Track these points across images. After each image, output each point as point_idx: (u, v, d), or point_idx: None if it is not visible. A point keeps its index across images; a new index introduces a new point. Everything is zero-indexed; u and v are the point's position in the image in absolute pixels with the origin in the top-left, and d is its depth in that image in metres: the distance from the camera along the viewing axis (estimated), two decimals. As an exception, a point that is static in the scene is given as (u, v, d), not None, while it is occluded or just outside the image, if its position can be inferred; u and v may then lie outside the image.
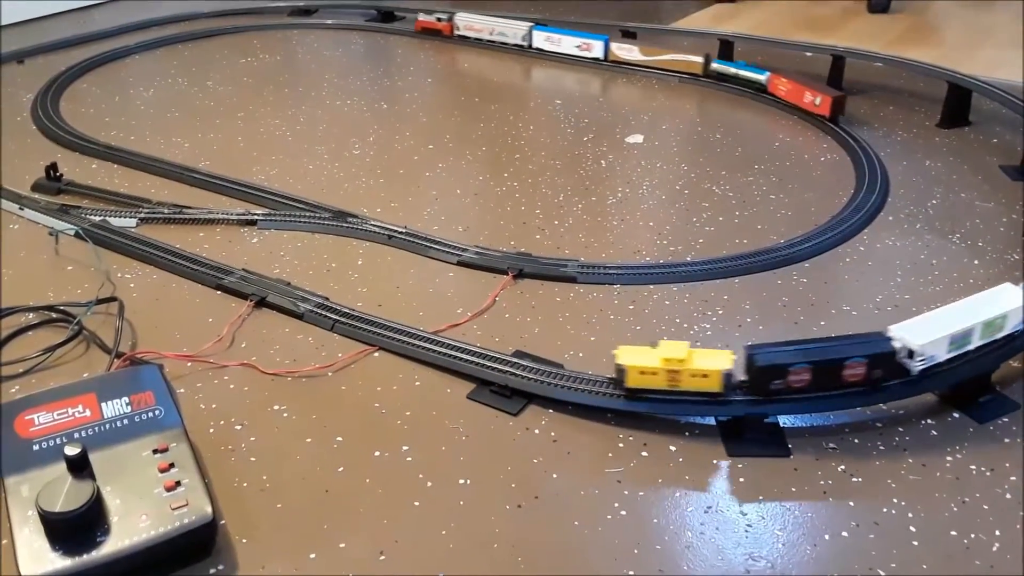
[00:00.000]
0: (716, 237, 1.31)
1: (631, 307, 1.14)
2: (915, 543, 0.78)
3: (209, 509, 0.76)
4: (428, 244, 1.29)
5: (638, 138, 1.67)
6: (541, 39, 2.18)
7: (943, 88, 1.69)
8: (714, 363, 0.89)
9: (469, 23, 2.29)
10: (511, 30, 2.21)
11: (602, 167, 1.56)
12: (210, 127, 1.79)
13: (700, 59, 1.96)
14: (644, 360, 0.90)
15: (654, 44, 2.04)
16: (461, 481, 0.87)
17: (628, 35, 2.12)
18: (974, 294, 0.97)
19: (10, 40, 2.41)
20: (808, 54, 2.01)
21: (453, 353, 1.03)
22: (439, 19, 2.32)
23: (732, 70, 1.93)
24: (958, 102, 1.67)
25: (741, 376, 0.91)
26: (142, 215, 1.39)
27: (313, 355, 1.06)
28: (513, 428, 0.94)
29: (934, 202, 1.39)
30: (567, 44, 2.14)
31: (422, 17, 2.35)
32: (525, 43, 2.20)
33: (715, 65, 1.95)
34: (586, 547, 0.79)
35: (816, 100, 1.72)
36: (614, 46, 2.08)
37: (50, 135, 1.75)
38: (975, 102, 1.68)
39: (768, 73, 1.85)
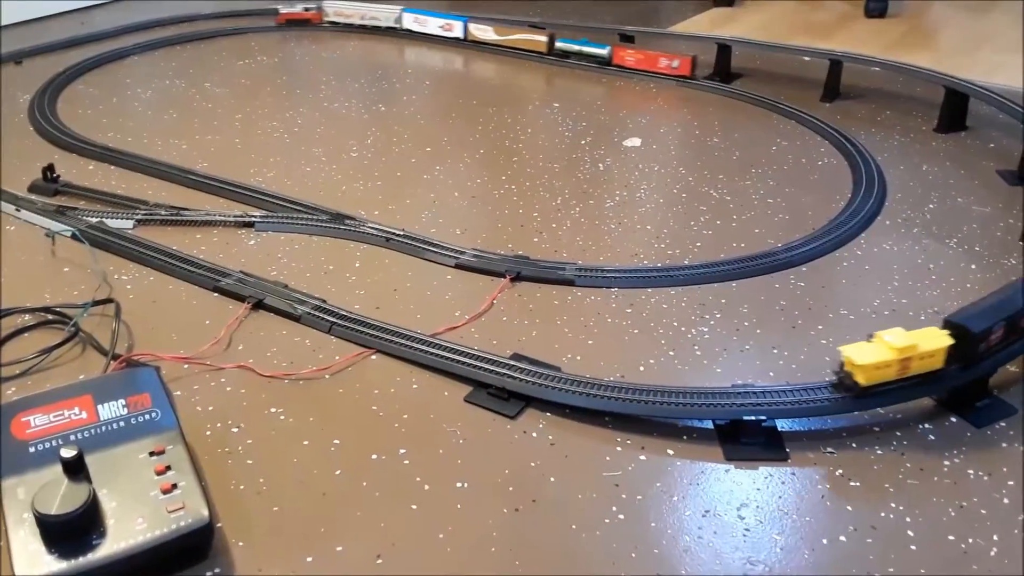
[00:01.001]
0: (713, 241, 1.31)
1: (629, 310, 1.14)
2: (913, 547, 0.78)
3: (206, 512, 0.76)
4: (426, 247, 1.29)
5: (636, 142, 1.68)
6: (410, 20, 2.33)
7: (940, 93, 1.69)
8: (935, 342, 0.90)
9: (339, 9, 2.42)
10: (383, 14, 2.35)
11: (600, 170, 1.56)
12: (208, 129, 1.78)
13: (544, 38, 2.14)
14: (876, 356, 0.89)
15: (657, 48, 2.05)
16: (458, 484, 0.87)
17: (626, 39, 2.12)
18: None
19: (8, 41, 2.41)
20: (806, 58, 2.01)
21: (451, 356, 1.03)
22: (307, 8, 2.40)
23: (575, 47, 2.10)
24: (955, 107, 1.68)
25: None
26: (139, 217, 1.39)
27: (310, 358, 1.06)
28: (511, 431, 0.94)
29: (931, 206, 1.39)
30: (432, 25, 2.32)
31: (284, 9, 2.42)
32: (397, 25, 2.36)
33: (559, 44, 2.12)
34: (584, 551, 0.79)
35: (674, 63, 1.90)
36: (472, 27, 2.26)
37: (47, 136, 1.74)
38: (972, 107, 1.68)
39: (609, 47, 2.03)
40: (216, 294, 1.20)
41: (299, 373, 1.03)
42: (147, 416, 0.84)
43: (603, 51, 2.04)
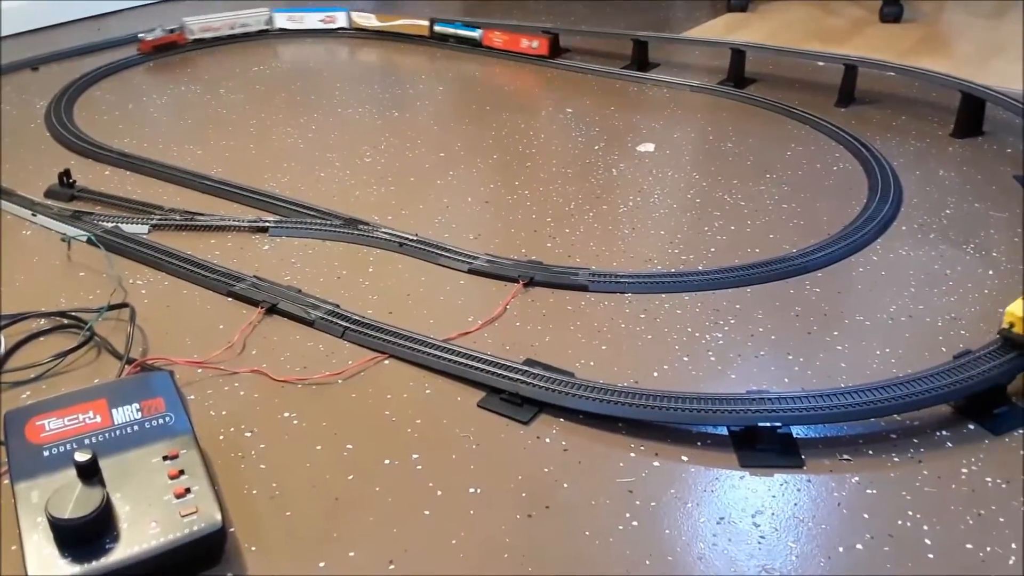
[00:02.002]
0: (728, 246, 1.30)
1: (642, 316, 1.14)
2: (930, 556, 0.77)
3: (219, 516, 0.76)
4: (439, 252, 1.29)
5: (649, 147, 1.67)
6: (283, 20, 2.30)
7: (956, 98, 1.68)
8: None
9: (204, 24, 2.32)
10: (252, 19, 2.31)
11: (613, 175, 1.56)
12: (222, 135, 1.79)
13: (426, 22, 2.24)
14: None
15: (670, 54, 2.04)
16: (471, 490, 0.86)
17: (640, 44, 2.11)
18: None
19: (25, 47, 2.43)
20: (820, 63, 2.00)
21: (464, 361, 1.03)
22: (171, 31, 2.26)
23: (451, 30, 2.25)
24: (972, 112, 1.66)
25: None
26: (154, 222, 1.40)
27: (323, 362, 1.06)
28: (524, 437, 0.93)
29: (948, 212, 1.38)
30: (311, 20, 2.33)
31: (146, 37, 2.24)
32: (268, 27, 2.33)
33: (437, 28, 2.25)
34: (597, 557, 0.79)
35: (533, 44, 2.04)
36: (354, 15, 2.30)
37: (63, 142, 1.76)
38: (989, 112, 1.67)
39: (480, 30, 2.12)
40: (230, 299, 1.20)
41: (312, 378, 1.03)
42: (161, 420, 0.84)
43: (475, 34, 2.23)
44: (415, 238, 1.33)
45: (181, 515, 0.75)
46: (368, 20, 2.30)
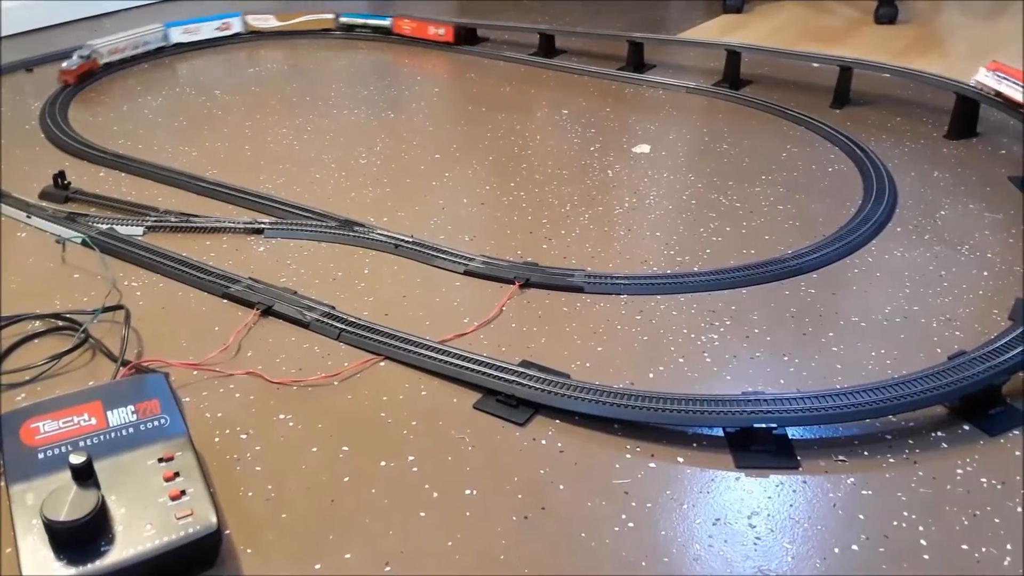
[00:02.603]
0: (723, 247, 1.31)
1: (638, 317, 1.14)
2: (926, 557, 0.78)
3: (214, 518, 0.76)
4: (435, 253, 1.29)
5: (645, 148, 1.67)
6: (179, 33, 2.23)
7: (951, 99, 1.69)
8: None
9: (112, 47, 2.14)
10: (151, 36, 2.22)
11: (609, 177, 1.56)
12: (218, 136, 1.79)
13: (330, 16, 2.26)
14: None
15: (666, 55, 2.04)
16: (467, 491, 0.86)
17: (635, 45, 2.12)
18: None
19: (19, 48, 2.43)
20: (815, 65, 2.01)
21: (459, 362, 1.03)
22: (87, 57, 2.08)
23: (359, 20, 2.28)
24: (966, 113, 1.67)
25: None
26: (149, 223, 1.40)
27: (319, 364, 1.06)
28: (520, 438, 0.93)
29: (942, 213, 1.38)
30: (207, 30, 2.27)
31: (64, 65, 2.05)
32: (165, 43, 2.24)
33: (343, 19, 2.27)
34: (593, 559, 0.79)
35: (440, 31, 2.11)
36: (250, 18, 2.27)
37: (58, 143, 1.75)
38: (983, 113, 1.67)
39: (391, 17, 2.21)
40: (225, 300, 1.20)
41: (308, 380, 1.03)
42: (156, 422, 0.84)
43: (385, 22, 2.31)
44: (411, 240, 1.33)
45: (176, 517, 0.75)
46: (266, 22, 2.27)
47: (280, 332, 1.13)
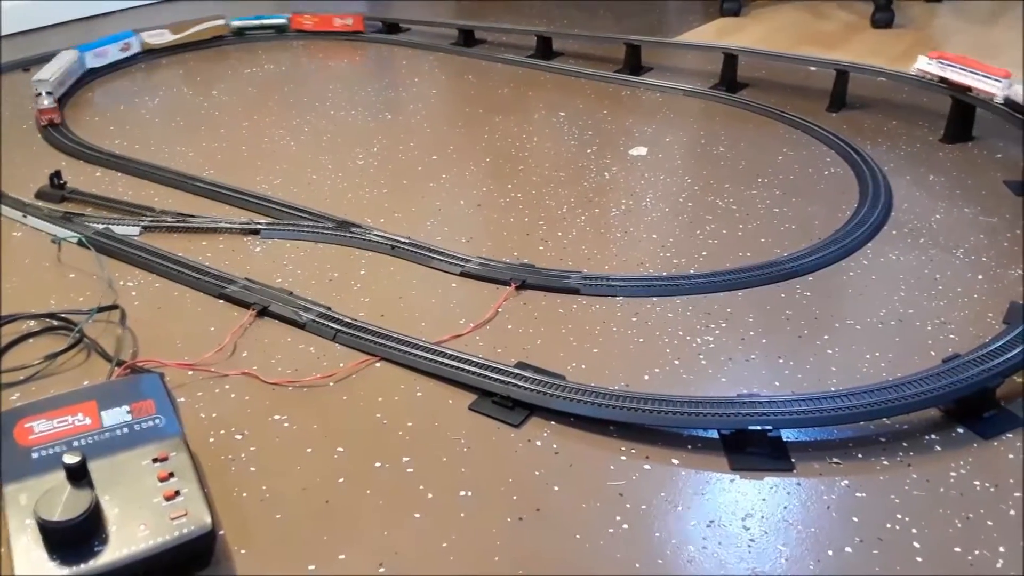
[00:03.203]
0: (719, 250, 1.31)
1: (634, 319, 1.14)
2: (919, 559, 0.78)
3: (208, 519, 0.76)
4: (431, 255, 1.29)
5: (642, 151, 1.68)
6: (91, 58, 2.12)
7: (947, 103, 1.69)
8: None
9: (57, 79, 1.92)
10: (72, 63, 2.05)
11: (606, 179, 1.56)
12: (214, 136, 1.79)
13: (222, 21, 2.23)
14: None
15: (663, 58, 2.04)
16: (462, 493, 0.86)
17: (633, 48, 2.12)
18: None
19: (16, 48, 2.42)
20: (812, 68, 2.01)
21: (455, 364, 1.03)
22: (51, 93, 1.86)
23: (253, 22, 2.26)
24: (962, 117, 1.67)
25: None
26: (145, 223, 1.39)
27: (315, 365, 1.06)
28: (515, 440, 0.93)
29: (937, 217, 1.39)
30: (113, 53, 2.18)
31: (46, 104, 1.82)
32: (82, 68, 2.10)
33: (235, 23, 2.24)
34: (588, 561, 0.79)
35: (347, 21, 2.18)
36: (145, 35, 2.22)
37: (54, 143, 1.75)
38: (978, 117, 1.67)
39: (287, 16, 2.22)
40: (221, 301, 1.20)
41: (303, 380, 1.03)
42: (151, 423, 0.84)
43: (283, 20, 2.32)
44: (407, 241, 1.33)
45: (171, 518, 0.75)
46: (161, 37, 2.21)
47: (276, 333, 1.13)
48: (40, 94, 1.83)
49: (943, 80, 1.70)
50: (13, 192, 1.51)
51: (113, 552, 0.72)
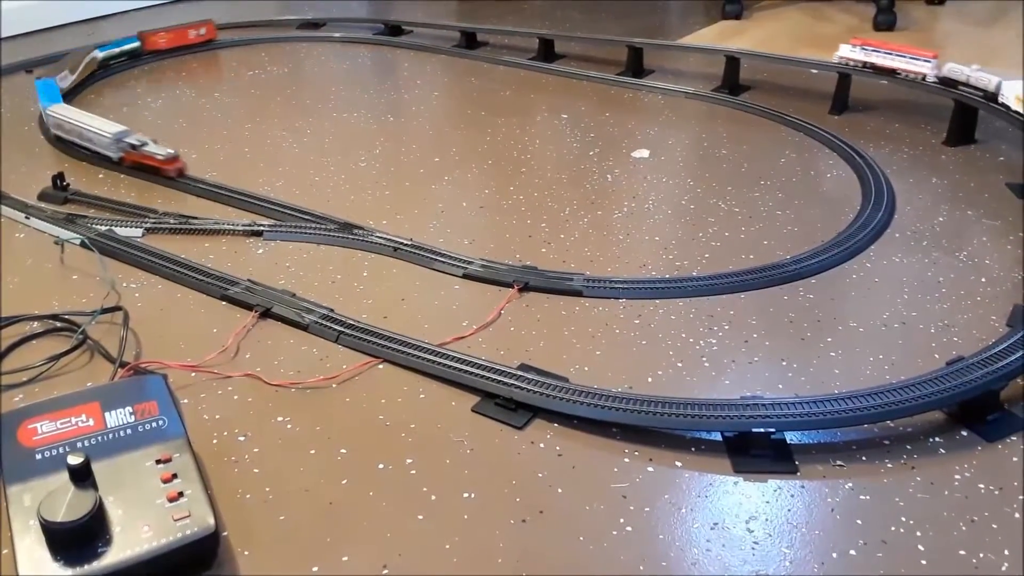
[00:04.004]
0: (722, 252, 1.31)
1: (637, 321, 1.14)
2: (923, 562, 0.78)
3: (212, 520, 0.76)
4: (434, 256, 1.29)
5: (644, 153, 1.68)
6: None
7: (949, 106, 1.69)
8: None
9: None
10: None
11: (608, 181, 1.56)
12: (217, 138, 1.79)
13: (95, 54, 2.12)
14: None
15: (665, 61, 2.04)
16: (465, 495, 0.86)
17: (635, 50, 2.12)
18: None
19: (19, 50, 2.43)
20: (814, 71, 2.01)
21: (458, 366, 1.03)
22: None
23: (113, 51, 2.16)
24: (964, 120, 1.67)
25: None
26: (148, 225, 1.40)
27: (317, 366, 1.06)
28: (518, 442, 0.93)
29: (941, 219, 1.39)
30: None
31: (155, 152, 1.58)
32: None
33: (99, 54, 2.14)
34: (591, 563, 0.78)
35: (201, 31, 2.14)
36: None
37: (57, 145, 1.75)
38: (981, 120, 1.67)
39: (137, 37, 2.15)
40: (224, 303, 1.20)
41: (306, 382, 1.03)
42: (154, 424, 0.84)
43: (134, 44, 2.18)
44: (410, 243, 1.33)
45: (174, 519, 0.75)
46: (66, 81, 1.99)
47: (279, 334, 1.13)
48: (146, 143, 1.61)
49: (868, 65, 1.78)
50: (16, 193, 1.51)
51: (116, 553, 0.72)
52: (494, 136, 1.77)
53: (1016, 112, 1.55)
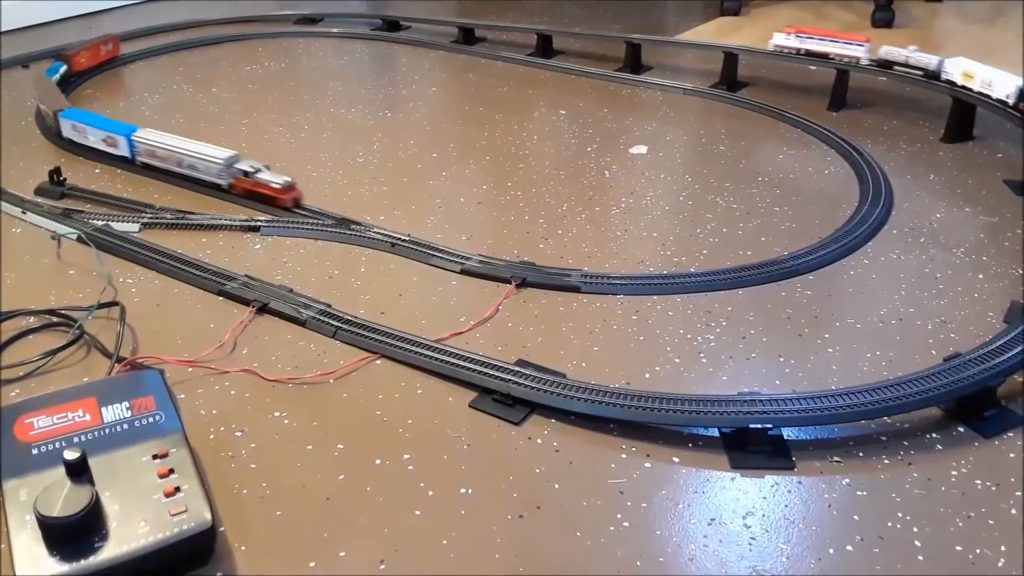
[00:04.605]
0: (720, 248, 1.31)
1: (634, 317, 1.14)
2: (920, 558, 0.78)
3: (208, 516, 0.76)
4: (431, 252, 1.29)
5: (642, 149, 1.67)
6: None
7: (947, 103, 1.69)
8: None
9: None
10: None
11: (606, 177, 1.56)
12: (215, 133, 1.79)
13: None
14: None
15: (663, 57, 2.04)
16: (463, 490, 0.86)
17: (633, 47, 2.12)
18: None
19: (16, 44, 2.42)
20: (812, 68, 2.01)
21: (455, 361, 1.02)
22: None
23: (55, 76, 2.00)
24: (962, 116, 1.67)
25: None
26: (145, 220, 1.39)
27: (315, 362, 1.06)
28: (515, 437, 0.93)
29: (938, 216, 1.39)
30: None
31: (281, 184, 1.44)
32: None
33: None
34: (588, 558, 0.78)
35: (108, 47, 2.06)
36: None
37: (54, 140, 1.75)
38: (979, 116, 1.67)
39: (63, 63, 2.03)
40: (221, 298, 1.19)
41: (303, 377, 1.03)
42: (151, 419, 0.83)
43: (61, 71, 2.00)
44: (407, 238, 1.33)
45: (170, 514, 0.75)
46: None
47: (276, 330, 1.13)
48: (259, 170, 1.47)
49: (803, 52, 1.88)
50: (12, 188, 1.51)
51: (113, 548, 0.72)
52: (492, 132, 1.77)
53: (963, 87, 1.63)
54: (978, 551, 0.78)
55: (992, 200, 1.43)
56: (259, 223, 1.38)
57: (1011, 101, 1.54)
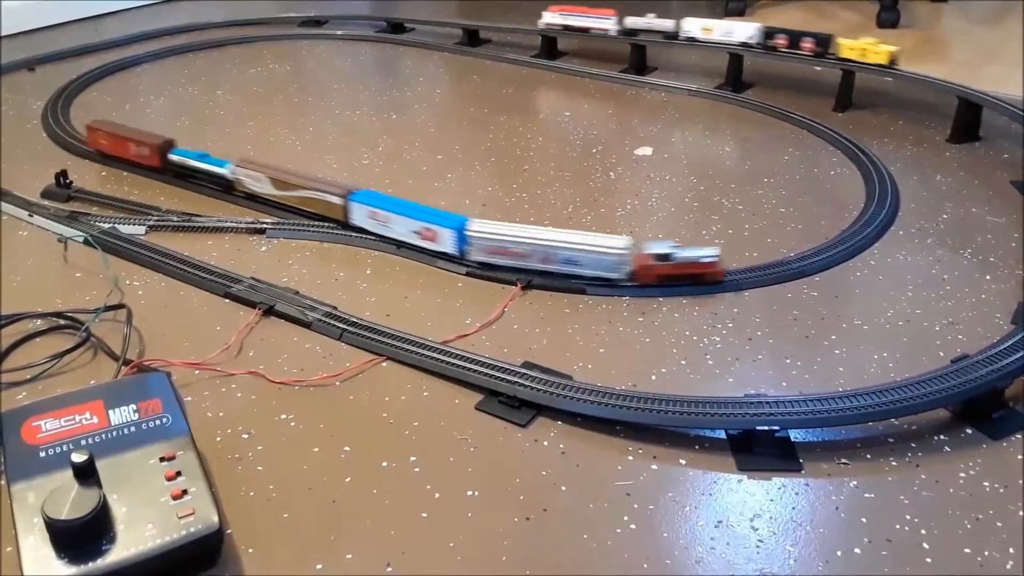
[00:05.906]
0: (726, 250, 1.30)
1: (640, 319, 1.14)
2: (928, 560, 0.77)
3: (216, 518, 0.76)
4: (437, 254, 1.29)
5: (647, 150, 1.67)
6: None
7: (953, 103, 1.69)
8: None
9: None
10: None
11: (611, 179, 1.56)
12: (220, 136, 1.79)
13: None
14: None
15: (668, 58, 2.04)
16: (469, 492, 0.86)
17: (637, 47, 2.12)
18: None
19: (21, 47, 2.43)
20: (818, 68, 2.01)
21: (461, 363, 1.02)
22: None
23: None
24: (968, 117, 1.67)
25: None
26: (151, 223, 1.39)
27: (321, 364, 1.06)
28: (522, 440, 0.93)
29: (945, 217, 1.38)
30: None
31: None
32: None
33: None
34: (595, 561, 0.78)
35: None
36: None
37: (60, 142, 1.75)
38: (985, 117, 1.67)
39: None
40: (227, 300, 1.20)
41: (309, 380, 1.03)
42: (158, 422, 0.84)
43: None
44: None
45: (178, 516, 0.75)
46: None
47: (282, 332, 1.13)
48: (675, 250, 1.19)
49: (566, 27, 2.15)
50: (19, 191, 1.51)
51: (120, 551, 0.72)
52: (497, 134, 1.77)
53: (709, 41, 1.92)
54: (986, 553, 0.78)
55: (999, 201, 1.43)
56: (265, 225, 1.38)
57: (754, 42, 1.84)
